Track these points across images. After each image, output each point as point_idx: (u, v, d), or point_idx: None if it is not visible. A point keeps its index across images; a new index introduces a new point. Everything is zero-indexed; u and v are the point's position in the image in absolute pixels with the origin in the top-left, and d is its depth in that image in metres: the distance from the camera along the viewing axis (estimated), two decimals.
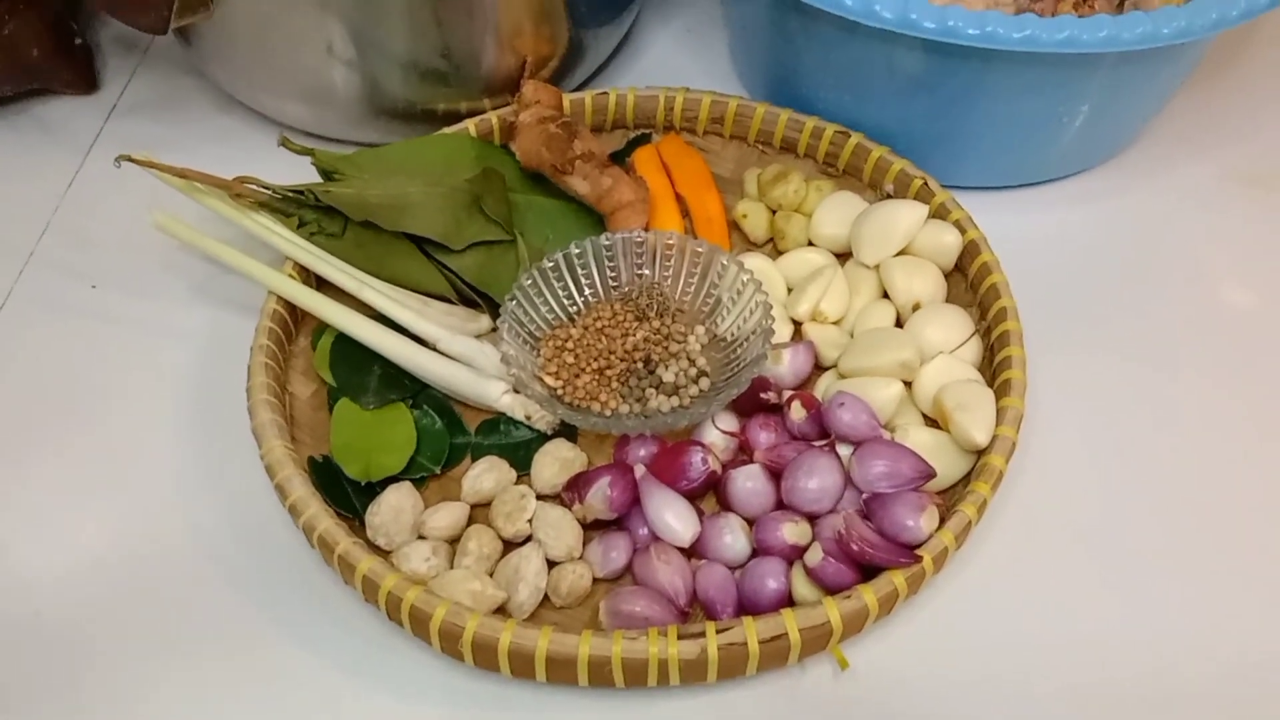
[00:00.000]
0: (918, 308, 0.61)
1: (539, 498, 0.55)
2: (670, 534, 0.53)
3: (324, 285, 0.62)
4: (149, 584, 0.55)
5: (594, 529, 0.55)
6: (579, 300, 0.61)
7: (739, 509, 0.55)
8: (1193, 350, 0.64)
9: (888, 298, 0.62)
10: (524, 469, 0.57)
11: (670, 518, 0.53)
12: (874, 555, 0.50)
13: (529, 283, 0.60)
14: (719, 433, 0.57)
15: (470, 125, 0.68)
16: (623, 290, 0.62)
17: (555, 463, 0.56)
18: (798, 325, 0.62)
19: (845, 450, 0.55)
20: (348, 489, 0.55)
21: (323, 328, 0.61)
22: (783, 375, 0.59)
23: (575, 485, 0.55)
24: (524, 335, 0.59)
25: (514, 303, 0.59)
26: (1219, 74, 0.78)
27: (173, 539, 0.56)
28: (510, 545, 0.54)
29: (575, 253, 0.61)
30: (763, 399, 0.57)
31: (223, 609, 0.54)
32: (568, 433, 0.58)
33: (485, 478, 0.56)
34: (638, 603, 0.51)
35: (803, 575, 0.51)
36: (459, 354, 0.59)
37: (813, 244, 0.65)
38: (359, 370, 0.59)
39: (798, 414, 0.57)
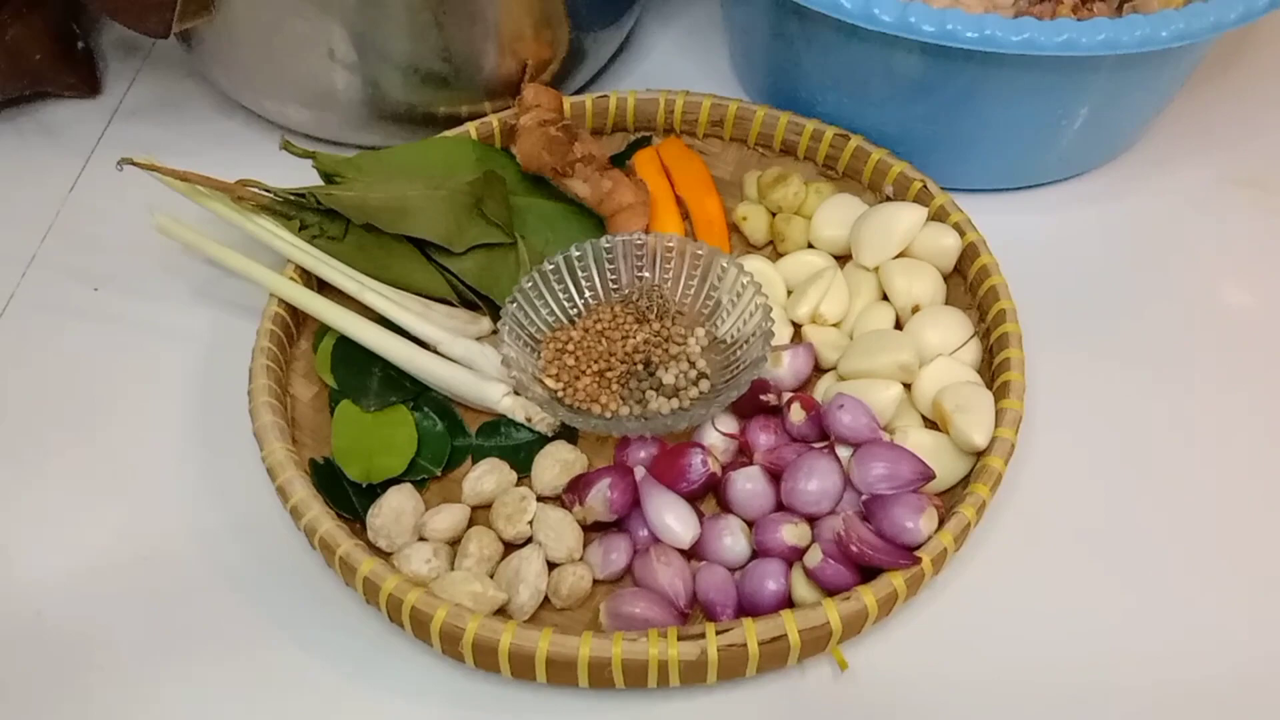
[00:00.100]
0: (917, 310, 0.61)
1: (539, 499, 0.55)
2: (670, 535, 0.53)
3: (325, 288, 0.62)
4: (150, 585, 0.55)
5: (594, 531, 0.55)
6: (579, 302, 0.62)
7: (739, 510, 0.55)
8: (1192, 352, 0.64)
9: (887, 300, 0.63)
10: (525, 471, 0.57)
11: (670, 519, 0.53)
12: (873, 557, 0.50)
13: (529, 285, 0.60)
14: (719, 434, 0.57)
15: (471, 128, 0.68)
16: (623, 292, 0.62)
17: (556, 464, 0.56)
18: (797, 327, 0.62)
19: (845, 452, 0.55)
20: (349, 491, 0.56)
21: (324, 330, 0.61)
22: (782, 377, 0.59)
23: (576, 487, 0.55)
24: (524, 337, 0.59)
25: (514, 305, 0.59)
26: (1218, 77, 0.78)
27: (174, 541, 0.56)
28: (511, 547, 0.54)
29: (576, 255, 0.61)
30: (763, 401, 0.57)
31: (224, 610, 0.54)
32: (568, 435, 0.58)
33: (486, 479, 0.56)
34: (638, 604, 0.51)
35: (802, 577, 0.52)
36: (460, 356, 0.59)
37: (812, 246, 0.65)
38: (360, 372, 0.59)
39: (797, 416, 0.57)
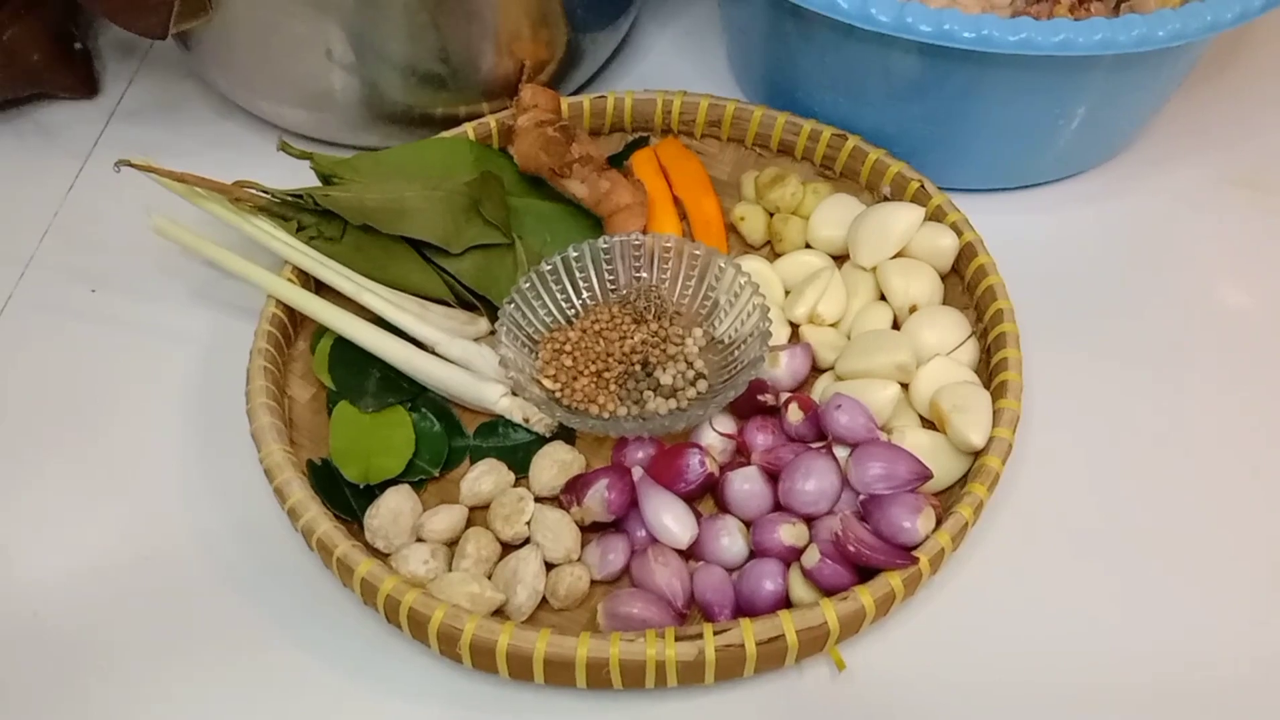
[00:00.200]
0: (915, 310, 0.61)
1: (537, 500, 0.55)
2: (668, 536, 0.53)
3: (323, 289, 0.62)
4: (148, 586, 0.55)
5: (592, 531, 0.55)
6: (577, 303, 0.62)
7: (736, 511, 0.55)
8: (1189, 352, 0.64)
9: (885, 300, 0.63)
10: (522, 471, 0.57)
11: (668, 520, 0.53)
12: (871, 557, 0.50)
13: (527, 286, 0.60)
14: (717, 435, 0.57)
15: (469, 129, 0.68)
16: (621, 293, 0.62)
17: (553, 465, 0.56)
18: (795, 327, 0.62)
19: (842, 452, 0.55)
20: (347, 492, 0.56)
21: (322, 331, 0.61)
22: (780, 377, 0.59)
23: (573, 487, 0.55)
24: (522, 338, 0.59)
25: (512, 306, 0.59)
26: (1215, 77, 0.78)
27: (172, 541, 0.56)
28: (509, 547, 0.54)
29: (573, 256, 0.61)
30: (760, 401, 0.57)
31: (221, 611, 0.54)
32: (566, 435, 0.59)
33: (484, 480, 0.56)
34: (635, 604, 0.51)
35: (800, 577, 0.52)
36: (457, 357, 0.59)
37: (810, 246, 0.65)
38: (358, 373, 0.59)
39: (795, 416, 0.57)
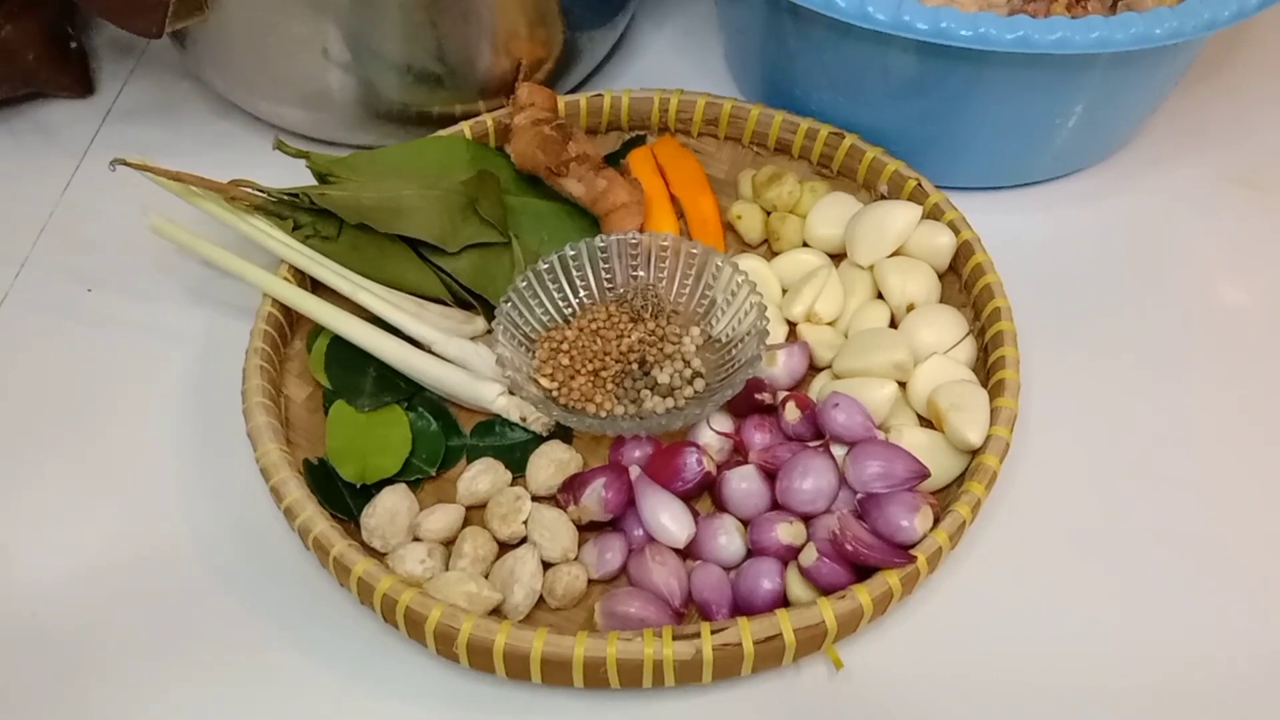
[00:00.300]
0: (912, 308, 0.61)
1: (534, 499, 0.55)
2: (665, 535, 0.53)
3: (319, 288, 0.62)
4: (144, 585, 0.55)
5: (589, 530, 0.55)
6: (574, 302, 0.62)
7: (734, 510, 0.55)
8: (1187, 350, 0.64)
9: (882, 298, 0.63)
10: (519, 470, 0.57)
11: (665, 519, 0.53)
12: (868, 555, 0.50)
13: (524, 285, 0.60)
14: (714, 434, 0.57)
15: (465, 128, 0.68)
16: (618, 292, 0.62)
17: (550, 464, 0.56)
18: (792, 326, 0.62)
19: (840, 451, 0.55)
20: (343, 491, 0.56)
21: (318, 330, 0.61)
22: (777, 376, 0.59)
23: (570, 487, 0.55)
24: (519, 337, 0.59)
25: (509, 305, 0.59)
26: (1212, 75, 0.78)
27: (168, 541, 0.56)
28: (505, 547, 0.54)
29: (570, 254, 0.61)
30: (757, 400, 0.57)
31: (218, 611, 0.54)
32: (563, 434, 0.58)
33: (480, 479, 0.56)
34: (633, 604, 0.51)
35: (797, 576, 0.52)
36: (454, 356, 0.59)
37: (807, 245, 0.65)
38: (354, 373, 0.59)
39: (792, 415, 0.57)
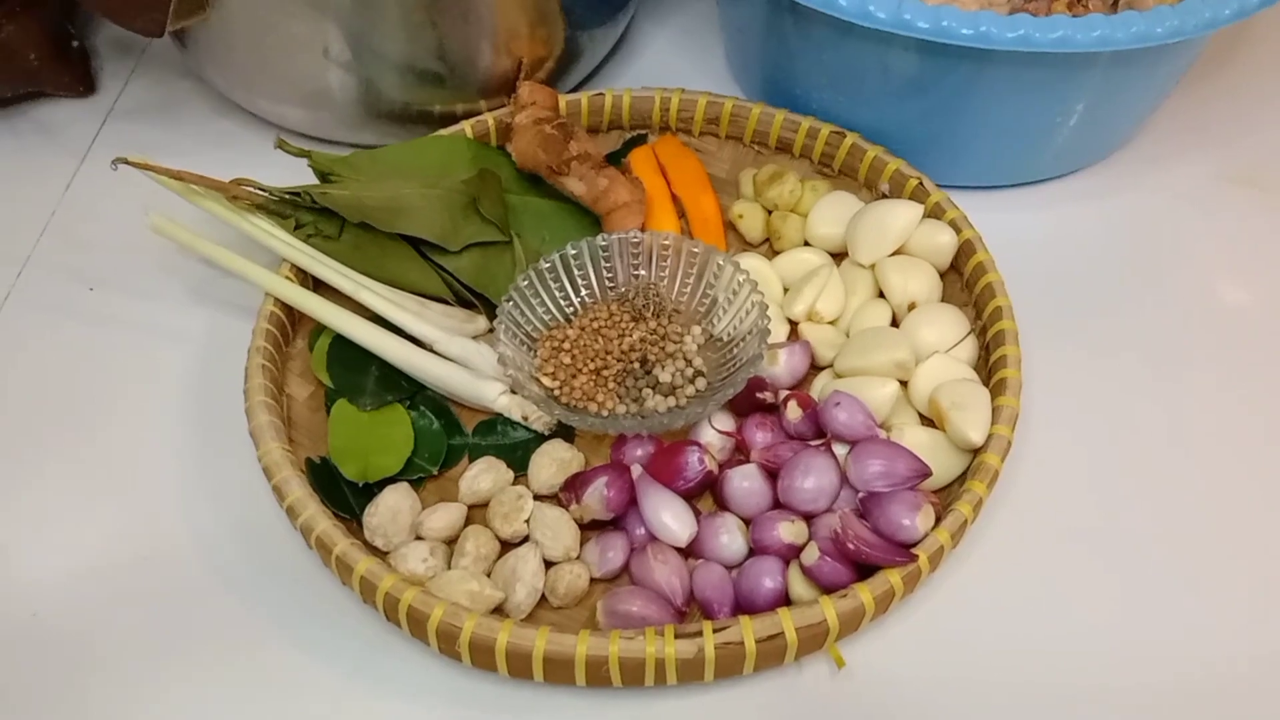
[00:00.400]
0: (913, 307, 0.61)
1: (536, 498, 0.55)
2: (667, 534, 0.53)
3: (321, 287, 0.62)
4: (146, 585, 0.55)
5: (591, 529, 0.55)
6: (575, 301, 0.62)
7: (736, 509, 0.55)
8: (1188, 348, 0.64)
9: (883, 297, 0.63)
10: (521, 469, 0.57)
11: (667, 517, 0.53)
12: (870, 554, 0.50)
13: (525, 284, 0.60)
14: (715, 432, 0.57)
15: (466, 127, 0.68)
16: (619, 291, 0.62)
17: (552, 463, 0.56)
18: (794, 325, 0.62)
19: (841, 450, 0.55)
20: (345, 490, 0.56)
21: (320, 329, 0.61)
22: (779, 375, 0.59)
23: (572, 485, 0.55)
24: (521, 336, 0.59)
25: (510, 304, 0.59)
26: (1213, 74, 0.78)
27: (170, 540, 0.56)
28: (508, 546, 0.54)
29: (571, 253, 0.61)
30: (759, 399, 0.57)
31: (220, 610, 0.54)
32: (565, 433, 0.58)
33: (483, 478, 0.56)
34: (635, 602, 0.51)
35: (799, 574, 0.52)
36: (456, 355, 0.59)
37: (808, 244, 0.65)
38: (356, 372, 0.59)
39: (794, 414, 0.57)
